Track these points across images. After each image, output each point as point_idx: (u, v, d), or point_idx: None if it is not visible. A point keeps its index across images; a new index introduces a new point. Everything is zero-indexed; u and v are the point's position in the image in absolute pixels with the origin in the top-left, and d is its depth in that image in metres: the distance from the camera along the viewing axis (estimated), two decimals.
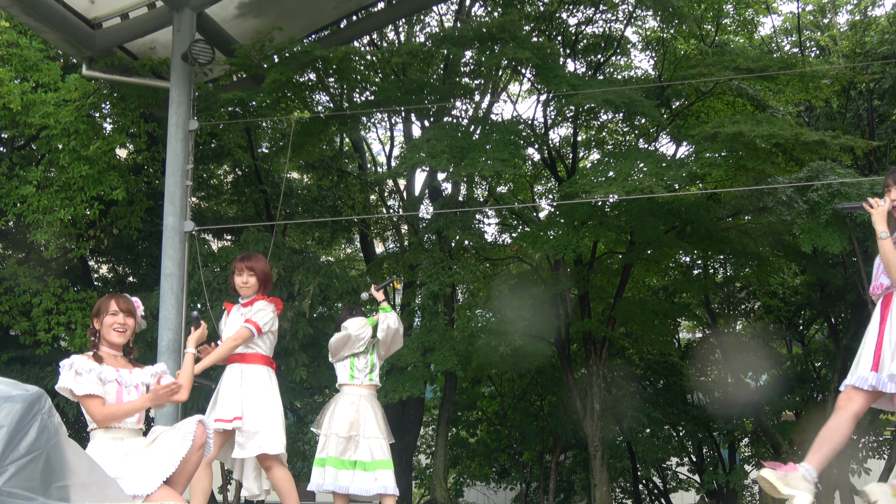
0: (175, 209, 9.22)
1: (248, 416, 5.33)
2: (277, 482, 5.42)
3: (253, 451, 5.33)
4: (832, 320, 15.04)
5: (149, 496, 3.95)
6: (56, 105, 10.82)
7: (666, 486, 18.09)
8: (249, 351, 5.47)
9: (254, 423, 5.33)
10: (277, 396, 5.51)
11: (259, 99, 10.79)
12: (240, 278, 5.55)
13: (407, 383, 11.65)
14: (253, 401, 5.36)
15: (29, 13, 9.03)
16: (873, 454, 15.64)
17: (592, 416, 13.09)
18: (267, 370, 5.51)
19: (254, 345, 5.47)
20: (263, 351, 5.51)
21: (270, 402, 5.42)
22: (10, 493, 2.92)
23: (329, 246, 17.36)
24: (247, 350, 5.47)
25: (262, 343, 5.49)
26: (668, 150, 14.12)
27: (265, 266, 5.60)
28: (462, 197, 14.17)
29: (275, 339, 5.62)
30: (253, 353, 5.48)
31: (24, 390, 3.13)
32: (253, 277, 5.53)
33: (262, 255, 5.84)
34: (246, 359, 5.47)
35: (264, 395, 5.41)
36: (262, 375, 5.46)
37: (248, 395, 5.37)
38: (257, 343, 5.47)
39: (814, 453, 4.18)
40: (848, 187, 9.87)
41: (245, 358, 5.47)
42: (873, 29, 13.56)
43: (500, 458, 17.97)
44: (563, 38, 13.34)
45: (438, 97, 12.40)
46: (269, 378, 5.49)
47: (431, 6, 14.12)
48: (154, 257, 12.98)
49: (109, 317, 4.32)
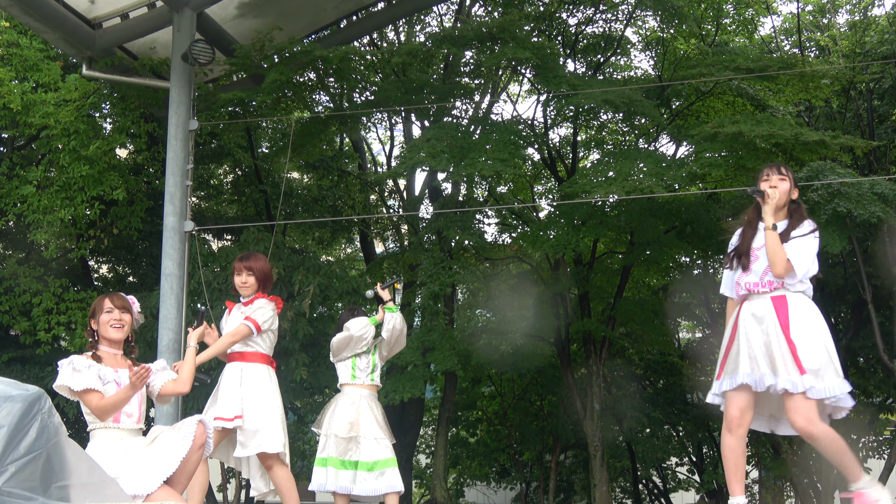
0: (175, 209, 9.22)
1: (248, 415, 5.34)
2: (278, 481, 5.42)
3: (253, 449, 5.34)
4: (832, 320, 15.03)
5: (149, 496, 3.95)
6: (56, 105, 10.82)
7: (666, 486, 18.09)
8: (249, 349, 5.47)
9: (254, 421, 5.34)
10: (278, 395, 5.51)
11: (259, 99, 10.79)
12: (239, 278, 5.56)
13: (407, 384, 11.64)
14: (253, 399, 5.36)
15: (29, 13, 9.03)
16: (873, 454, 15.64)
17: (592, 416, 13.09)
18: (267, 369, 5.52)
19: (253, 343, 5.47)
20: (263, 349, 5.51)
21: (270, 401, 5.42)
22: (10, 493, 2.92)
23: (329, 246, 17.36)
24: (246, 349, 5.46)
25: (261, 342, 5.49)
26: (668, 150, 14.14)
27: (264, 265, 5.60)
28: (462, 197, 14.17)
29: (275, 338, 5.62)
30: (253, 351, 5.48)
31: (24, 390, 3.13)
32: (252, 277, 5.53)
33: (263, 255, 5.83)
34: (246, 357, 5.47)
35: (264, 393, 5.42)
36: (262, 374, 5.46)
37: (249, 394, 5.38)
38: (257, 341, 5.47)
39: (738, 482, 4.22)
40: (848, 187, 9.87)
41: (245, 356, 5.47)
42: (873, 29, 13.57)
43: (500, 458, 17.97)
44: (563, 38, 13.34)
45: (438, 97, 12.40)
46: (269, 377, 5.50)
47: (431, 6, 14.12)
48: (154, 257, 12.98)
49: (105, 314, 4.32)
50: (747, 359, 4.15)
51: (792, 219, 4.32)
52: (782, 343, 4.09)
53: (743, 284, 4.28)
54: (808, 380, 4.02)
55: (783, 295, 4.18)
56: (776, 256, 4.15)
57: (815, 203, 9.99)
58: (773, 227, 4.19)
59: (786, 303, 4.16)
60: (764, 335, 4.14)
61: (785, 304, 4.16)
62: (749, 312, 4.23)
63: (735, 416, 4.17)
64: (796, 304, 4.17)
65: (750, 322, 4.20)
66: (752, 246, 4.31)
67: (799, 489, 14.96)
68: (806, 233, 4.23)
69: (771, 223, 4.20)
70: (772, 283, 4.20)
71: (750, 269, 4.28)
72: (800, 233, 4.24)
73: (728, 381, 4.21)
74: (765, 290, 4.21)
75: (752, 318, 4.20)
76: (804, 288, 4.22)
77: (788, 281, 4.19)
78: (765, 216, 4.25)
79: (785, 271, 4.16)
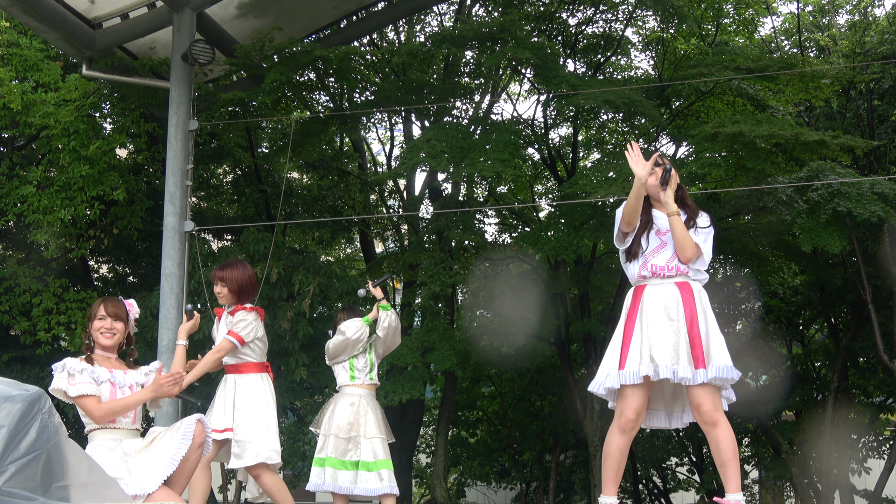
0: (175, 209, 9.22)
1: (240, 427, 5.33)
2: (269, 488, 5.41)
3: (249, 461, 5.32)
4: (832, 320, 15.03)
5: (149, 496, 3.95)
6: (56, 105, 10.81)
7: (666, 486, 18.10)
8: (241, 361, 5.47)
9: (247, 433, 5.33)
10: (271, 402, 5.49)
11: (259, 99, 10.79)
12: (215, 288, 5.52)
13: (406, 384, 11.64)
14: (245, 411, 5.36)
15: (29, 13, 9.03)
16: (873, 454, 15.64)
17: (592, 416, 13.08)
18: (260, 377, 5.50)
19: (243, 355, 5.46)
20: (255, 359, 5.49)
21: (264, 411, 5.41)
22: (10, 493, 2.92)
23: (329, 246, 17.36)
24: (239, 361, 5.46)
25: (251, 352, 5.47)
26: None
27: (240, 275, 5.45)
28: (462, 197, 14.17)
29: (265, 345, 5.59)
30: (245, 363, 5.47)
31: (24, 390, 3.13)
32: (225, 288, 5.45)
33: (243, 263, 5.61)
34: (240, 369, 5.47)
35: (257, 404, 5.40)
36: (255, 384, 5.45)
37: (241, 406, 5.37)
38: (246, 353, 5.46)
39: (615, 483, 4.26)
40: (848, 187, 9.86)
41: (238, 369, 5.47)
42: (873, 29, 13.56)
43: (500, 458, 17.98)
44: (563, 38, 13.33)
45: (438, 97, 12.40)
46: (262, 385, 5.48)
47: (431, 6, 14.12)
48: (154, 257, 12.97)
49: (97, 321, 4.34)
50: (660, 349, 4.13)
51: (685, 205, 4.37)
52: (695, 333, 4.15)
53: (649, 267, 4.27)
54: (719, 368, 4.12)
55: (686, 282, 4.25)
56: (686, 241, 4.21)
57: (815, 203, 9.98)
58: (677, 213, 4.25)
59: (691, 290, 4.23)
60: (673, 323, 4.16)
61: (690, 290, 4.23)
62: (652, 299, 4.22)
63: (631, 418, 4.21)
64: (700, 292, 4.26)
65: (656, 310, 4.19)
66: (655, 229, 4.34)
67: (799, 489, 14.96)
68: (707, 225, 4.34)
69: (675, 209, 4.25)
70: (678, 268, 4.25)
71: (657, 253, 4.31)
72: (703, 224, 4.34)
73: (632, 374, 4.15)
74: (670, 274, 4.25)
75: (657, 306, 4.19)
76: (704, 278, 4.31)
77: (694, 266, 4.25)
78: (667, 201, 4.27)
79: (694, 255, 4.23)
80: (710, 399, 4.13)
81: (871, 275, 12.47)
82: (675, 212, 4.25)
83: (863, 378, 15.19)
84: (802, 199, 10.29)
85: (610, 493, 4.25)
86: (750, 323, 16.71)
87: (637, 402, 4.20)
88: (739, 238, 13.39)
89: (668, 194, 4.28)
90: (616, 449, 4.24)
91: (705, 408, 4.12)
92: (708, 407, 4.11)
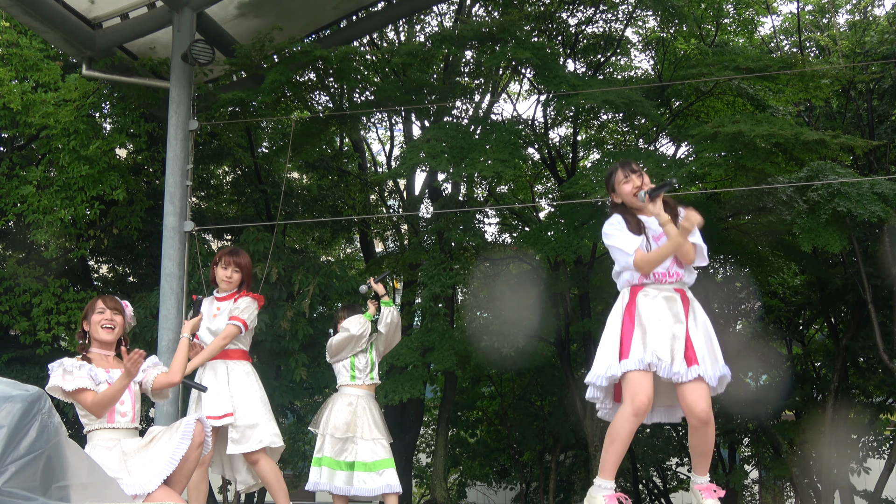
0: (175, 209, 9.22)
1: (241, 412, 5.34)
2: (265, 474, 5.41)
3: (253, 445, 5.33)
4: (832, 320, 15.03)
5: (149, 496, 3.95)
6: (56, 105, 10.81)
7: (666, 486, 18.10)
8: (233, 347, 5.48)
9: (249, 417, 5.34)
10: (263, 390, 5.56)
11: (259, 99, 10.79)
12: (224, 272, 5.55)
13: (406, 384, 11.64)
14: (243, 396, 5.38)
15: (29, 13, 9.03)
16: (873, 454, 15.63)
17: (592, 416, 13.07)
18: (250, 366, 5.58)
19: (237, 341, 5.49)
20: (245, 347, 5.56)
21: (260, 397, 5.47)
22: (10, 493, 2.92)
23: (329, 246, 17.36)
24: (231, 347, 5.48)
25: (243, 340, 5.53)
26: (668, 150, 14.14)
27: (249, 263, 5.65)
28: (462, 197, 14.17)
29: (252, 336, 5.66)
30: (236, 349, 5.50)
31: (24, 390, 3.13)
32: (238, 274, 5.55)
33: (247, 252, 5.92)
34: (230, 355, 5.48)
35: (253, 390, 5.45)
36: (247, 371, 5.50)
37: (238, 391, 5.39)
38: (240, 339, 5.50)
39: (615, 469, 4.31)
40: (848, 187, 9.86)
41: (229, 354, 5.48)
42: (873, 29, 13.56)
43: (500, 458, 17.97)
44: (563, 38, 13.33)
45: (438, 97, 12.40)
46: (253, 373, 5.55)
47: (431, 6, 14.12)
48: (154, 257, 12.97)
49: (97, 315, 4.31)
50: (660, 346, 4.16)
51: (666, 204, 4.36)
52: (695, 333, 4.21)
53: (651, 274, 4.30)
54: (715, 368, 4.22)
55: (682, 289, 4.33)
56: (685, 246, 4.24)
57: (815, 203, 9.98)
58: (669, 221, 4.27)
59: (686, 296, 4.32)
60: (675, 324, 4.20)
61: (686, 297, 4.31)
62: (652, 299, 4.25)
63: (645, 402, 4.17)
64: (693, 297, 4.35)
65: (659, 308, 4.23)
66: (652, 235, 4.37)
67: (799, 489, 14.96)
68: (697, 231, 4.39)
69: (666, 218, 4.25)
70: (678, 275, 4.31)
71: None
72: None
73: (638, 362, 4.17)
74: (671, 280, 4.30)
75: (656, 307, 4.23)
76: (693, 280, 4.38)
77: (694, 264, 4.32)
78: (658, 214, 4.28)
79: (695, 254, 4.30)
80: (704, 399, 4.18)
81: (871, 275, 12.47)
82: (667, 220, 4.25)
83: (863, 378, 15.18)
84: (802, 199, 10.29)
85: (608, 476, 4.26)
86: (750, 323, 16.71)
87: (648, 388, 4.19)
88: (739, 238, 13.39)
89: (658, 205, 4.28)
90: (627, 433, 4.22)
91: (701, 407, 4.17)
92: (703, 406, 4.17)
